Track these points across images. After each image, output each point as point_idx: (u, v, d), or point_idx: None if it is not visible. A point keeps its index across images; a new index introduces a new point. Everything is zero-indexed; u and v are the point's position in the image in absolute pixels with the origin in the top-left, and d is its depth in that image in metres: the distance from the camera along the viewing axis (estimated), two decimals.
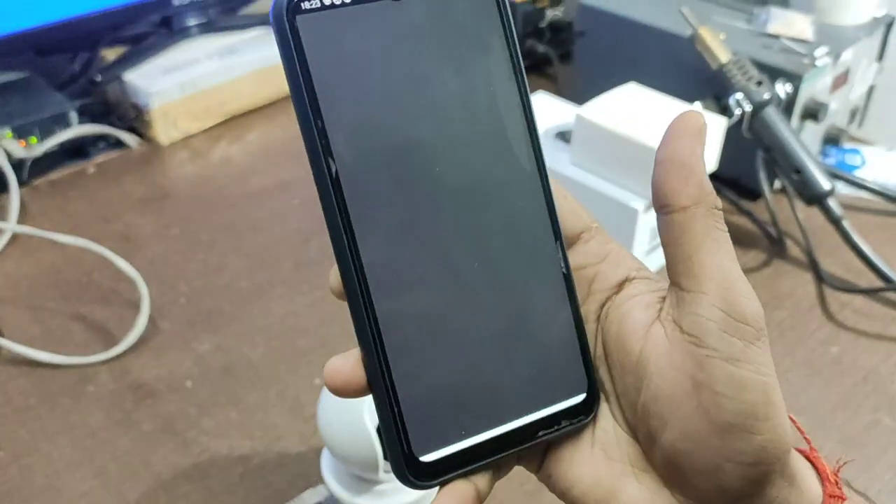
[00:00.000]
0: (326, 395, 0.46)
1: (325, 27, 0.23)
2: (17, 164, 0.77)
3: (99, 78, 0.85)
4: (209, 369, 0.61)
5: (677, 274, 0.25)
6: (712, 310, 0.24)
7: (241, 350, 0.62)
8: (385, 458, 0.43)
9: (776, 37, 0.76)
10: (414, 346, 0.24)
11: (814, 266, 0.70)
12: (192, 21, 0.90)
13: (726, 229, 0.25)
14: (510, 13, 0.26)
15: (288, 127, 0.89)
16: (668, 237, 0.25)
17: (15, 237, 0.72)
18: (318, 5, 0.24)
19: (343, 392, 0.25)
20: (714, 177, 0.71)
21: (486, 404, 0.25)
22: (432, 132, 0.25)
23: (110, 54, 0.88)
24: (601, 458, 0.26)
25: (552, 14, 0.95)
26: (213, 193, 0.79)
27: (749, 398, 0.23)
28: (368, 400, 0.43)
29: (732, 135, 0.68)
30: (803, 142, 0.70)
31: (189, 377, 0.60)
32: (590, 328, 0.27)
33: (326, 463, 0.49)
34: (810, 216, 0.71)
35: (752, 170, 0.72)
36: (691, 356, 0.24)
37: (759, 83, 0.70)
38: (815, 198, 0.68)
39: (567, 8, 0.95)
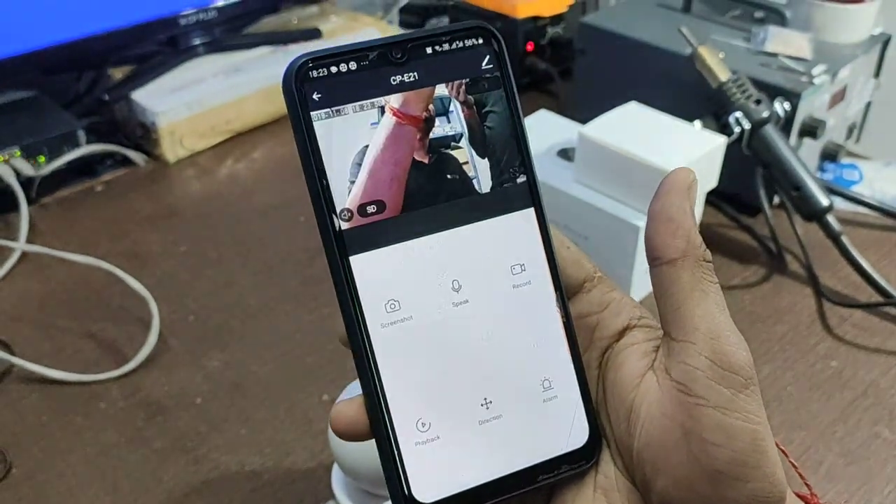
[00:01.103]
0: None
1: (331, 91, 0.25)
2: (26, 183, 0.77)
3: (106, 97, 0.86)
4: (218, 386, 0.61)
5: (667, 324, 0.26)
6: (699, 359, 0.25)
7: (249, 367, 0.63)
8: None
9: (774, 55, 0.77)
10: (414, 393, 0.25)
11: (813, 281, 0.71)
12: (198, 40, 0.92)
13: (716, 280, 0.26)
14: (510, 70, 0.27)
15: (293, 144, 0.90)
16: (659, 289, 0.26)
17: (24, 255, 0.73)
18: (325, 73, 0.25)
19: (347, 436, 0.26)
20: (715, 192, 0.72)
21: (487, 449, 0.26)
22: (430, 191, 0.26)
23: (117, 73, 0.89)
24: (602, 503, 0.27)
25: (553, 31, 0.96)
26: (220, 210, 0.80)
27: (738, 446, 0.24)
28: None
29: (732, 152, 0.69)
30: (802, 158, 0.71)
31: (199, 394, 0.61)
32: (591, 375, 0.28)
33: (336, 478, 0.49)
34: (809, 231, 0.72)
35: (752, 186, 0.73)
36: (681, 404, 0.25)
37: (758, 101, 0.71)
38: (814, 214, 0.69)
39: (568, 26, 0.97)
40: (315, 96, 0.25)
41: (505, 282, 0.26)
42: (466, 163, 0.26)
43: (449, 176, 0.26)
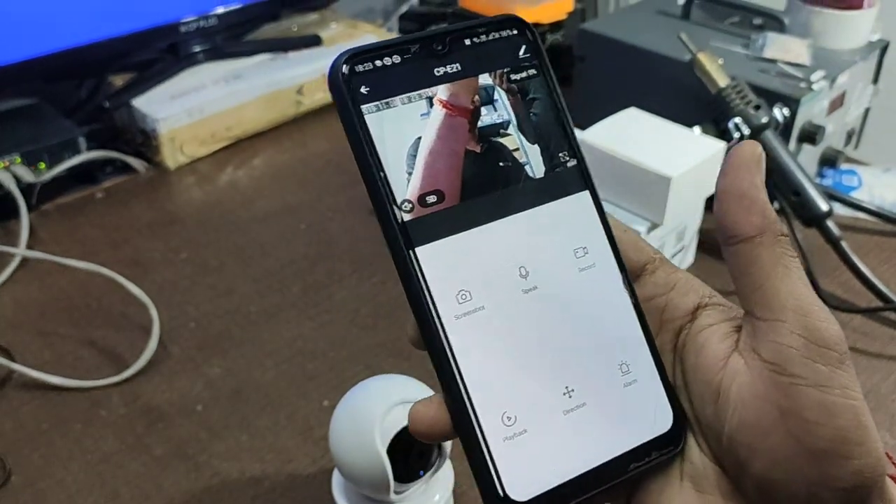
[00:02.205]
0: (337, 417, 0.46)
1: (378, 84, 0.25)
2: (27, 190, 0.78)
3: (107, 104, 0.86)
4: (219, 393, 0.61)
5: (751, 304, 0.25)
6: (792, 337, 0.24)
7: (250, 374, 0.63)
8: (396, 478, 0.44)
9: (773, 61, 0.78)
10: (496, 386, 0.24)
11: (813, 286, 0.70)
12: (198, 47, 0.92)
13: (795, 255, 0.25)
14: (548, 64, 0.27)
15: (293, 151, 0.90)
16: (737, 268, 0.25)
17: (25, 262, 0.73)
18: (371, 67, 0.25)
19: (428, 437, 0.25)
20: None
21: (576, 440, 0.25)
22: (490, 178, 0.26)
23: (118, 80, 0.90)
24: (690, 491, 0.26)
25: (552, 38, 0.97)
26: (221, 217, 0.80)
27: (841, 423, 0.23)
28: (379, 421, 0.44)
29: None
30: (801, 164, 0.71)
31: (199, 401, 0.61)
32: (666, 359, 0.27)
33: (337, 484, 0.49)
34: (809, 237, 0.72)
35: None
36: (775, 385, 0.24)
37: (758, 107, 0.71)
38: (814, 219, 0.69)
39: (567, 32, 0.97)
40: (363, 90, 0.25)
41: (570, 266, 0.26)
42: (517, 149, 0.26)
43: (502, 163, 0.26)
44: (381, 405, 0.44)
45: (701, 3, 0.87)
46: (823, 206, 0.69)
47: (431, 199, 0.25)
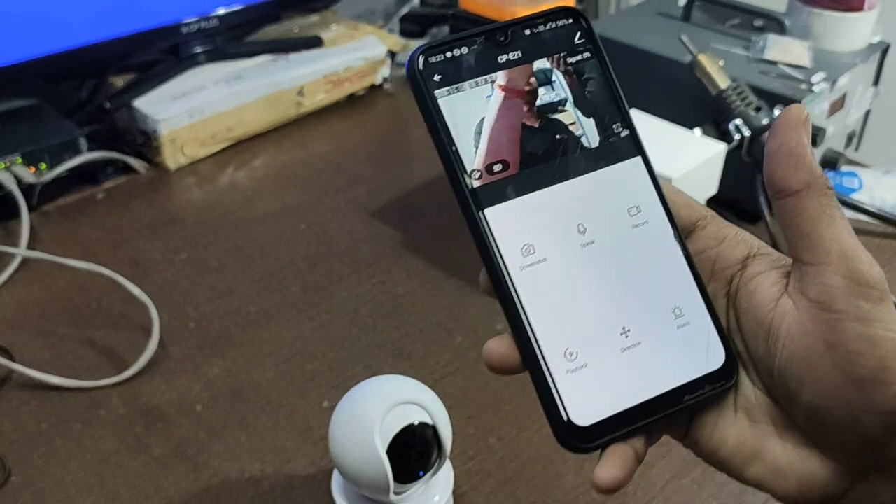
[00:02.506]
0: (337, 417, 0.46)
1: (449, 73, 0.29)
2: (27, 190, 0.78)
3: (108, 105, 0.86)
4: (219, 393, 0.61)
5: (799, 251, 0.28)
6: (836, 278, 0.26)
7: (250, 374, 0.63)
8: (395, 479, 0.44)
9: (774, 63, 0.78)
10: (559, 326, 0.28)
11: None
12: (199, 48, 0.92)
13: (839, 206, 0.28)
14: (601, 47, 0.31)
15: (294, 152, 0.90)
16: (786, 219, 0.28)
17: (25, 262, 0.73)
18: (442, 58, 0.29)
19: (500, 369, 0.29)
20: (715, 199, 0.72)
21: (632, 374, 0.28)
22: (553, 147, 0.29)
23: (119, 81, 0.90)
24: (744, 421, 0.29)
25: None
26: (221, 218, 0.80)
27: (881, 353, 0.26)
28: (378, 421, 0.44)
29: (732, 159, 0.70)
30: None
31: (199, 401, 0.61)
32: (720, 304, 0.30)
33: (337, 484, 0.49)
34: None
35: (752, 193, 0.73)
36: (821, 320, 0.27)
37: (758, 109, 0.71)
38: None
39: None
40: (436, 78, 0.28)
41: (624, 222, 0.29)
42: (573, 123, 0.30)
43: (559, 136, 0.29)
44: (381, 406, 0.44)
45: (701, 4, 0.87)
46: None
47: (497, 167, 0.29)
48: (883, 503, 0.28)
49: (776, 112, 0.72)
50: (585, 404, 0.28)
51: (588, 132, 0.30)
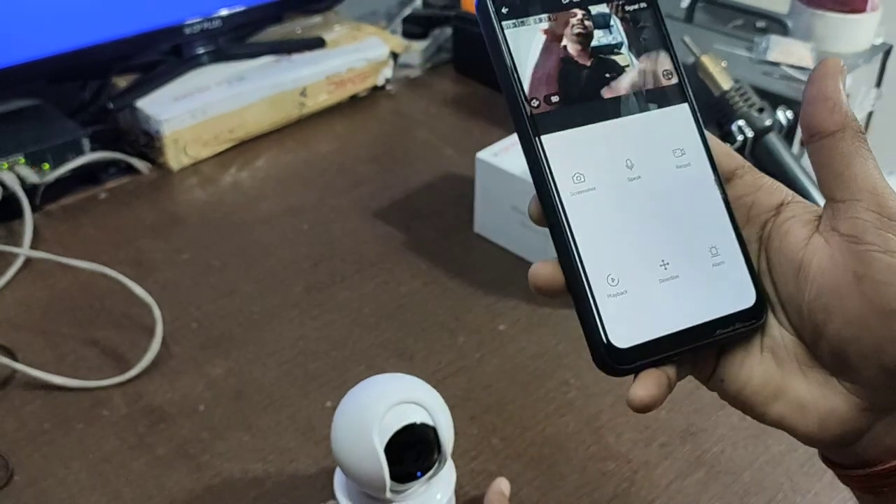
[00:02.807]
0: (338, 416, 0.46)
1: (515, 7, 0.31)
2: (31, 190, 0.78)
3: (111, 105, 0.86)
4: (221, 393, 0.61)
5: (831, 190, 0.29)
6: (867, 212, 0.28)
7: (252, 374, 0.63)
8: (393, 478, 0.44)
9: (777, 64, 0.78)
10: (603, 252, 0.29)
11: None
12: (202, 49, 0.92)
13: (870, 149, 0.29)
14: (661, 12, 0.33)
15: (296, 152, 0.91)
16: (820, 160, 0.29)
17: (28, 262, 0.73)
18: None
19: (544, 290, 0.30)
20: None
21: (669, 304, 0.30)
22: (608, 94, 0.31)
23: (122, 82, 0.90)
24: (770, 360, 0.30)
25: None
26: (223, 218, 0.80)
27: None
28: (378, 420, 0.44)
29: None
30: (804, 167, 0.71)
31: (202, 401, 0.61)
32: (752, 248, 0.31)
33: (339, 482, 0.49)
34: None
35: None
36: (851, 252, 0.28)
37: (761, 110, 0.71)
38: None
39: None
40: (504, 10, 0.30)
41: (669, 162, 0.31)
42: (628, 66, 0.31)
43: (613, 75, 0.31)
44: (382, 404, 0.44)
45: (704, 5, 0.87)
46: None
47: (554, 98, 0.30)
48: None
49: (779, 113, 0.72)
50: (624, 328, 0.29)
51: (640, 76, 0.31)
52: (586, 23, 0.31)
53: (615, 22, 0.31)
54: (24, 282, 0.72)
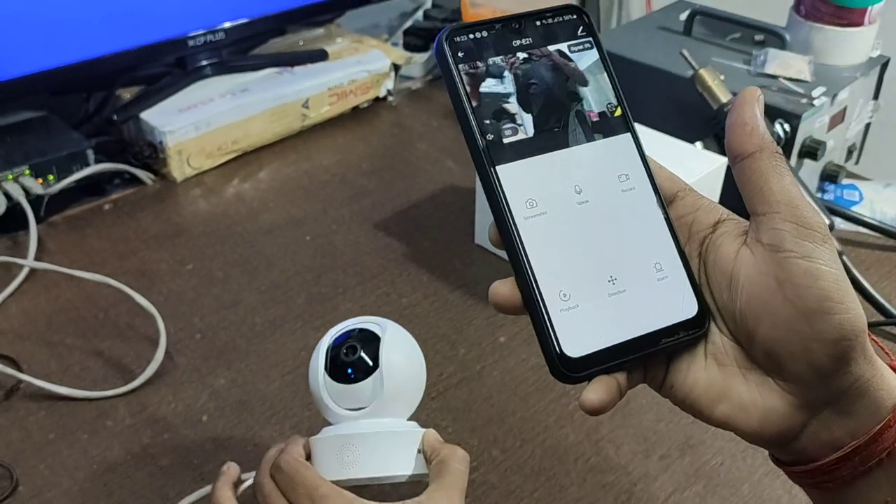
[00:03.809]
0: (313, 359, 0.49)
1: (470, 51, 0.33)
2: (35, 201, 0.78)
3: (115, 117, 0.87)
4: (225, 404, 0.62)
5: (753, 205, 0.31)
6: (785, 223, 0.30)
7: (255, 384, 0.64)
8: (330, 375, 0.47)
9: (775, 77, 0.79)
10: (555, 270, 0.32)
11: None
12: (205, 61, 0.93)
13: (788, 166, 0.31)
14: (600, 40, 0.35)
15: (299, 164, 0.91)
16: (742, 179, 0.32)
17: (33, 273, 0.74)
18: (465, 38, 0.33)
19: (504, 308, 0.32)
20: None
21: (618, 316, 0.32)
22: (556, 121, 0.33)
23: (126, 94, 0.91)
24: (713, 365, 0.32)
25: None
26: (227, 229, 0.81)
27: (824, 285, 0.29)
28: (336, 330, 0.48)
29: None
30: (802, 179, 0.72)
31: (205, 411, 0.61)
32: (693, 262, 0.34)
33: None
34: None
35: None
36: (773, 260, 0.30)
37: None
38: None
39: None
40: (459, 54, 0.33)
41: (615, 187, 0.33)
42: (576, 100, 0.34)
43: (562, 109, 0.33)
44: (347, 320, 0.49)
45: (702, 19, 0.88)
46: (825, 220, 0.70)
47: (507, 132, 0.33)
48: (837, 437, 0.31)
49: (776, 126, 0.73)
50: (576, 339, 0.31)
51: (587, 109, 0.34)
52: (535, 62, 0.33)
53: (562, 61, 0.34)
54: (29, 292, 0.72)
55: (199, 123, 0.87)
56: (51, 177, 0.80)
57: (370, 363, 0.46)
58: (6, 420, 0.60)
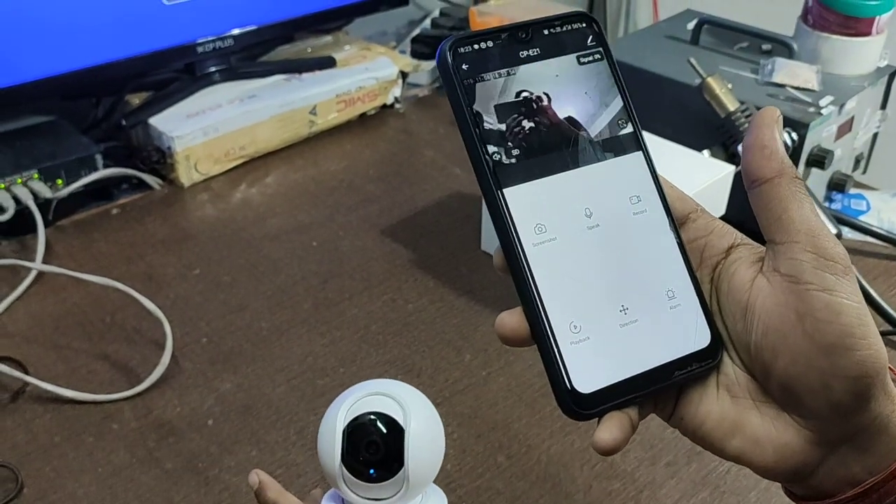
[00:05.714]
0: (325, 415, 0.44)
1: (475, 62, 0.31)
2: (44, 205, 0.79)
3: (124, 122, 0.88)
4: (230, 408, 0.62)
5: (771, 232, 0.30)
6: (805, 253, 0.29)
7: (261, 389, 0.64)
8: (347, 469, 0.41)
9: (782, 86, 0.79)
10: (565, 301, 0.30)
11: None
12: (214, 68, 0.93)
13: (808, 193, 0.30)
14: (610, 50, 0.33)
15: (306, 170, 0.91)
16: (760, 205, 0.30)
17: (40, 276, 0.74)
18: (470, 49, 0.31)
19: (511, 341, 0.31)
20: (722, 221, 0.72)
21: (630, 348, 0.30)
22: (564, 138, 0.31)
23: (135, 99, 0.91)
24: (726, 397, 0.31)
25: None
26: (233, 235, 0.81)
27: (846, 320, 0.28)
28: (348, 406, 0.42)
29: (740, 181, 0.70)
30: (810, 188, 0.72)
31: (210, 416, 0.61)
32: (705, 289, 0.32)
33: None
34: None
35: None
36: (792, 292, 0.29)
37: None
38: None
39: None
40: (464, 67, 0.30)
41: (626, 209, 0.32)
42: (584, 118, 0.32)
43: (571, 127, 0.32)
44: (361, 390, 0.43)
45: (710, 28, 0.88)
46: (832, 229, 0.70)
47: (515, 152, 0.31)
48: (854, 473, 0.30)
49: (784, 136, 0.73)
50: (587, 373, 0.30)
51: (597, 126, 0.32)
52: (543, 75, 0.31)
53: (572, 73, 0.32)
54: (37, 296, 0.73)
55: (207, 129, 0.87)
56: (59, 181, 0.81)
57: (395, 462, 0.41)
58: (12, 422, 0.60)
